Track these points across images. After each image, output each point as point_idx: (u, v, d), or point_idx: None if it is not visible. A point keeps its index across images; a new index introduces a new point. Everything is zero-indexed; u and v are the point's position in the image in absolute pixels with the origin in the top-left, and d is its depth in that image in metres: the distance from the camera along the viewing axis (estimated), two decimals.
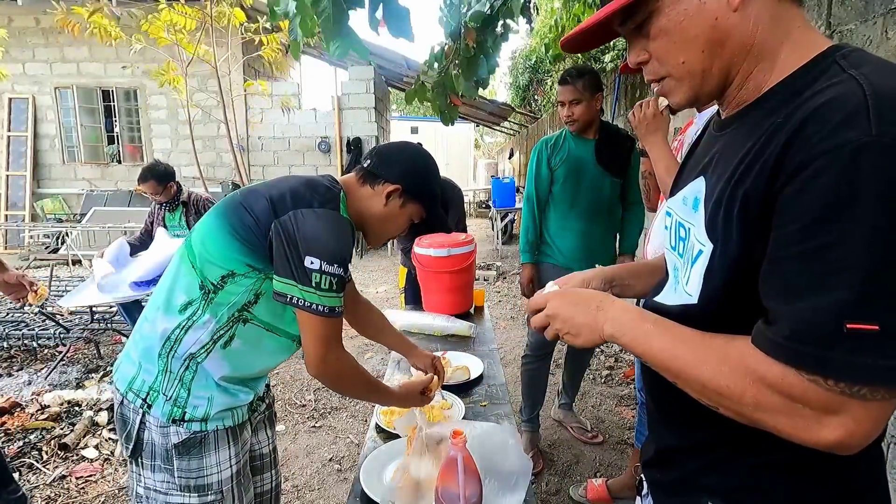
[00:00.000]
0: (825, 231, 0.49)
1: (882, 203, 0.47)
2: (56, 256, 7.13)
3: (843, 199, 0.48)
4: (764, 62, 0.60)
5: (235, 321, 1.08)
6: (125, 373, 1.10)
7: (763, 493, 0.64)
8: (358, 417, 2.95)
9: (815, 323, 0.50)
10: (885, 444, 1.69)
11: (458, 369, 1.67)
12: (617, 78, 4.62)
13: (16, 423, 2.70)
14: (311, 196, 1.05)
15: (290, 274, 1.01)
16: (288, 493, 2.27)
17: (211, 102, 6.99)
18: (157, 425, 1.06)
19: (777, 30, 0.59)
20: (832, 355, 0.50)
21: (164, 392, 1.06)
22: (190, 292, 1.06)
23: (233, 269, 1.05)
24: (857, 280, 0.48)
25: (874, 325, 0.48)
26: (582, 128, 2.29)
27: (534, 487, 1.71)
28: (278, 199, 1.05)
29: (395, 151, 1.23)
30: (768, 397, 0.54)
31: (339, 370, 1.11)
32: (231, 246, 1.04)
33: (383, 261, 7.85)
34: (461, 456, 0.93)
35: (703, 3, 0.59)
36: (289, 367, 3.64)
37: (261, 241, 1.04)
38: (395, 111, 18.26)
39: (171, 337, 1.06)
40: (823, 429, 0.52)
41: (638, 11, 0.62)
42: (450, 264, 2.18)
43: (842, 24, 1.85)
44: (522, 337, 4.19)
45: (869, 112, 0.49)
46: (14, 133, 8.47)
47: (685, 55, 0.61)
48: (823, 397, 0.51)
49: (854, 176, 0.48)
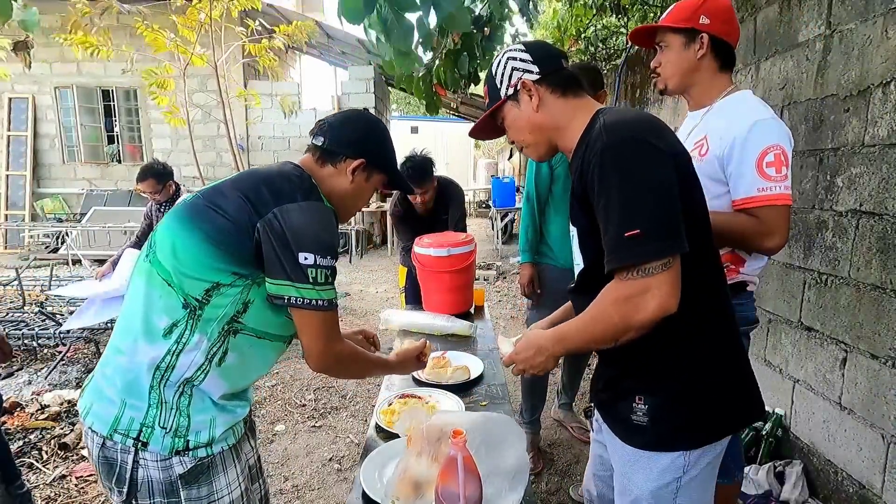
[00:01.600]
0: (603, 194, 0.89)
1: (618, 170, 0.88)
2: (56, 256, 7.13)
3: (603, 174, 0.89)
4: (568, 130, 1.04)
5: (226, 334, 1.01)
6: (103, 414, 0.98)
7: (665, 382, 1.01)
8: (358, 417, 2.95)
9: (612, 241, 0.88)
10: (884, 443, 1.69)
11: (458, 369, 1.66)
12: (617, 77, 4.61)
13: (16, 423, 2.70)
14: (290, 189, 1.01)
15: (285, 274, 0.97)
16: (288, 493, 2.27)
17: (211, 102, 6.99)
18: (156, 460, 0.97)
19: (567, 113, 1.05)
20: (622, 255, 0.87)
21: (160, 425, 0.97)
22: (172, 313, 0.98)
23: (217, 280, 0.98)
24: (624, 210, 0.86)
25: (637, 230, 0.85)
26: None
27: (534, 487, 1.71)
28: (255, 197, 0.99)
29: (347, 124, 1.16)
30: (617, 308, 0.89)
31: (341, 359, 1.09)
32: (210, 254, 0.97)
33: (383, 260, 7.85)
34: (461, 456, 0.93)
35: (522, 111, 1.07)
36: (289, 367, 3.64)
37: (242, 243, 0.97)
38: (395, 111, 18.24)
39: (162, 365, 0.97)
40: (648, 305, 0.86)
41: (496, 118, 1.13)
42: (450, 264, 2.18)
43: (842, 24, 1.85)
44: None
45: (603, 133, 0.92)
46: (14, 133, 8.47)
47: (524, 135, 1.10)
48: (633, 285, 0.87)
49: (603, 162, 0.90)
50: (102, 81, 8.55)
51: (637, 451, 1.04)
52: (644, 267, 0.85)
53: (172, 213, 1.04)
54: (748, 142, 1.28)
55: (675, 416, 1.01)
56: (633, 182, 0.87)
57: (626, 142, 0.90)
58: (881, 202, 1.69)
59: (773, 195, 1.28)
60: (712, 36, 1.35)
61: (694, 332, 0.98)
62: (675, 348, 0.99)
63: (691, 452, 1.00)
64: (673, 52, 1.40)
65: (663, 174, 0.88)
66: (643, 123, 0.93)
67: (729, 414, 1.03)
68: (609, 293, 0.91)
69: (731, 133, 1.31)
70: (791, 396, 2.19)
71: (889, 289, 1.66)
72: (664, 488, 1.03)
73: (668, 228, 0.86)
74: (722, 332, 1.03)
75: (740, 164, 1.30)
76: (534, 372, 1.08)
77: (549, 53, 1.08)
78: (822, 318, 1.98)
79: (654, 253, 0.84)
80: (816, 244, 2.00)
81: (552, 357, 1.05)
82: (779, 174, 1.27)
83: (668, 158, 0.89)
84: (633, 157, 0.88)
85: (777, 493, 2.05)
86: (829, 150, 1.92)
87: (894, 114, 1.64)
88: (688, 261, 0.90)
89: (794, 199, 2.11)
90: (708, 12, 1.34)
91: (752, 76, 2.41)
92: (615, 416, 1.09)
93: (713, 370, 1.01)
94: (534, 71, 1.05)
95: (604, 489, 1.29)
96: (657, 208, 0.86)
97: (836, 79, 1.88)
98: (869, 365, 1.76)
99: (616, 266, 0.88)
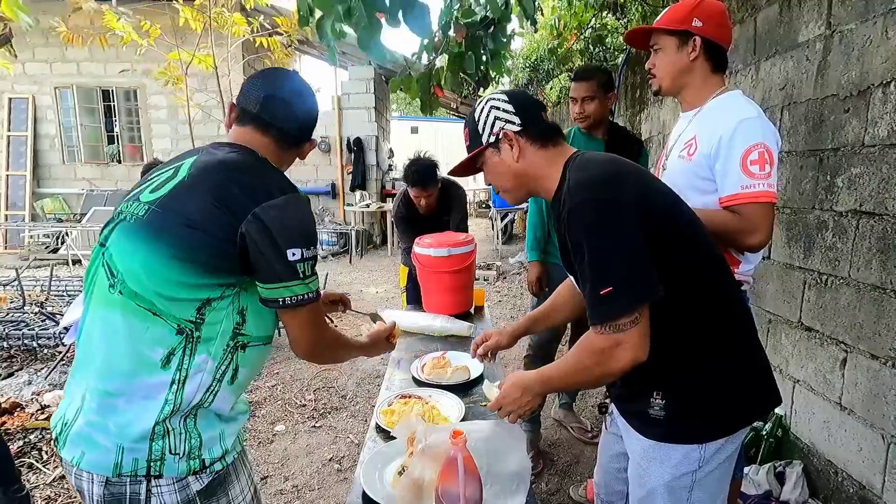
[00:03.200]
0: (577, 253, 0.97)
1: (584, 231, 0.95)
2: (56, 256, 7.13)
3: (572, 235, 0.98)
4: (546, 179, 1.11)
5: (233, 350, 0.97)
6: (100, 461, 0.91)
7: (682, 377, 1.05)
8: (358, 417, 2.95)
9: (589, 299, 0.96)
10: (884, 443, 1.69)
11: (458, 369, 1.66)
12: (618, 77, 4.61)
13: (16, 423, 2.69)
14: (264, 185, 0.95)
15: (277, 277, 0.93)
16: (288, 493, 2.27)
17: (211, 102, 6.99)
18: (172, 483, 0.93)
19: (546, 163, 1.10)
20: (599, 311, 0.94)
21: (171, 452, 0.92)
22: (166, 342, 0.91)
23: (206, 296, 0.92)
24: (594, 270, 0.93)
25: (609, 288, 0.92)
26: (592, 125, 2.29)
27: (534, 487, 1.71)
28: (228, 199, 0.92)
29: (292, 105, 1.09)
30: (594, 360, 0.97)
31: (329, 345, 1.10)
32: (190, 272, 0.90)
33: (383, 260, 7.85)
34: (461, 456, 0.93)
35: (502, 159, 1.12)
36: (289, 367, 3.64)
37: (223, 252, 0.91)
38: (395, 111, 18.24)
39: (170, 399, 0.91)
40: (621, 357, 0.94)
41: (476, 161, 1.18)
42: (450, 264, 2.18)
43: (842, 24, 1.85)
44: (523, 337, 4.18)
45: (568, 195, 1.00)
46: (14, 133, 8.46)
47: (502, 181, 1.16)
48: (607, 341, 0.94)
49: (570, 223, 0.98)
50: (102, 81, 8.54)
51: (653, 443, 1.08)
52: (616, 323, 0.93)
53: (127, 234, 0.93)
54: (733, 140, 1.30)
55: (692, 409, 1.05)
56: (598, 242, 0.94)
57: (586, 204, 0.96)
58: (881, 202, 1.69)
59: (756, 192, 1.29)
60: (705, 38, 1.38)
61: (708, 328, 1.04)
62: (691, 345, 1.04)
63: (707, 446, 1.04)
64: (667, 53, 1.43)
65: (625, 228, 0.94)
66: (604, 178, 0.99)
67: (745, 405, 1.07)
68: (587, 345, 0.99)
69: (717, 132, 1.33)
70: (791, 397, 2.19)
71: (889, 289, 1.66)
72: (679, 480, 1.06)
73: (637, 280, 0.93)
74: (734, 323, 1.07)
75: (726, 162, 1.32)
76: (521, 413, 1.12)
77: (530, 103, 1.14)
78: (822, 318, 1.98)
79: (625, 309, 0.92)
80: (816, 244, 2.00)
81: (538, 396, 1.11)
82: (762, 172, 1.29)
83: (630, 208, 0.95)
84: (595, 218, 0.94)
85: (777, 494, 2.05)
86: (829, 150, 1.92)
87: (894, 114, 1.64)
88: (689, 269, 1.00)
89: (794, 200, 2.12)
90: (701, 15, 1.37)
91: (752, 76, 2.41)
92: (632, 410, 1.14)
93: (729, 363, 1.05)
94: (516, 122, 1.10)
95: (611, 481, 1.35)
96: (624, 264, 0.93)
97: (836, 79, 1.88)
98: (869, 365, 1.76)
99: (595, 322, 0.96)
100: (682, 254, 1.01)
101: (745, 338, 1.09)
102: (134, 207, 0.96)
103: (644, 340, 0.94)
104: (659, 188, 1.06)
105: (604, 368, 0.97)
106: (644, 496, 1.12)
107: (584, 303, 1.00)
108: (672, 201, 1.06)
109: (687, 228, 1.05)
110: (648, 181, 1.05)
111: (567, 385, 1.12)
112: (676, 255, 1.00)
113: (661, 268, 0.95)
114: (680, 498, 1.08)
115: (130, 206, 0.97)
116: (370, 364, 3.63)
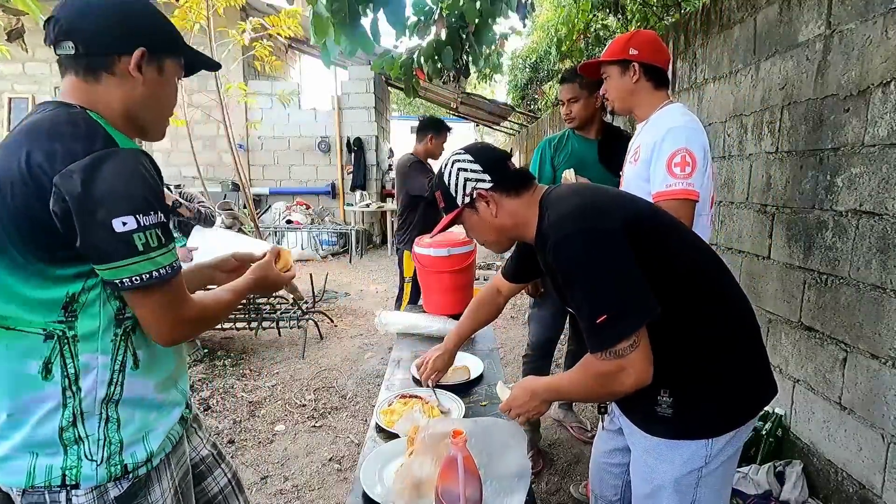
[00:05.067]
0: (568, 286, 1.00)
1: (572, 263, 0.98)
2: None
3: (560, 268, 1.00)
4: (527, 225, 1.13)
5: (124, 337, 0.86)
6: (12, 471, 0.84)
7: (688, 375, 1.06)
8: (358, 417, 2.95)
9: (587, 328, 0.97)
10: (884, 443, 1.69)
11: (458, 369, 1.66)
12: None
13: None
14: (64, 146, 0.76)
15: (108, 255, 0.77)
16: (288, 493, 2.27)
17: (211, 103, 6.99)
18: (90, 491, 0.85)
19: (523, 209, 1.12)
20: (597, 339, 0.96)
21: (88, 458, 0.84)
22: (36, 353, 0.81)
23: (64, 292, 0.80)
24: (587, 300, 0.96)
25: (604, 315, 0.93)
26: (580, 126, 2.30)
27: (534, 487, 1.71)
28: (34, 171, 0.75)
29: (90, 10, 0.84)
30: (598, 382, 0.99)
31: (193, 323, 0.90)
32: (28, 274, 0.78)
33: (383, 260, 7.85)
34: (461, 456, 0.93)
35: (481, 217, 1.14)
36: (289, 367, 3.64)
37: (48, 240, 0.77)
38: (395, 111, 18.23)
39: (68, 404, 0.82)
40: (625, 381, 0.95)
41: (460, 221, 1.19)
42: (450, 264, 2.18)
43: (842, 24, 1.85)
44: (522, 337, 4.18)
45: (550, 232, 1.02)
46: None
47: (486, 236, 1.20)
48: (609, 366, 0.96)
49: (557, 258, 1.00)
50: None
51: (661, 440, 1.10)
52: (616, 349, 0.94)
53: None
54: (662, 145, 1.52)
55: (698, 406, 1.07)
56: (587, 273, 0.96)
57: (570, 236, 0.98)
58: (881, 202, 1.69)
59: (677, 190, 1.49)
60: (642, 63, 1.61)
61: (709, 328, 1.06)
62: (694, 345, 1.06)
63: (714, 442, 1.06)
64: (614, 80, 1.67)
65: (613, 255, 0.96)
66: (583, 208, 1.02)
67: (749, 398, 1.10)
68: (590, 367, 1.01)
69: (653, 139, 1.55)
70: (791, 396, 2.20)
71: (889, 289, 1.66)
72: (687, 477, 1.08)
73: (630, 305, 0.95)
74: (735, 320, 1.10)
75: (656, 164, 1.53)
76: (529, 416, 1.18)
77: (495, 158, 1.15)
78: (822, 318, 1.98)
79: (622, 334, 0.93)
80: (816, 244, 2.00)
81: (545, 402, 1.16)
82: (683, 172, 1.49)
83: (615, 234, 0.97)
84: (582, 250, 0.97)
85: (777, 493, 2.05)
86: (829, 150, 1.92)
87: (894, 114, 1.64)
88: (685, 275, 1.04)
89: (794, 199, 2.12)
90: (636, 44, 1.61)
91: (752, 76, 2.41)
92: (635, 409, 1.16)
93: (732, 358, 1.07)
94: (486, 179, 1.12)
95: (605, 476, 1.40)
96: (615, 291, 0.95)
97: (836, 79, 1.88)
98: (869, 365, 1.76)
99: (594, 350, 0.98)
100: (676, 262, 1.04)
101: (746, 333, 1.11)
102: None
103: (646, 363, 0.95)
104: (636, 203, 1.10)
105: (609, 390, 1.00)
106: (650, 493, 1.14)
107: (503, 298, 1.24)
108: (652, 212, 1.10)
109: (674, 235, 1.08)
110: (624, 201, 1.09)
111: (574, 399, 1.17)
112: (671, 264, 1.03)
113: (658, 279, 0.98)
114: (686, 495, 1.09)
115: None
116: (370, 364, 3.64)
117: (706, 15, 2.83)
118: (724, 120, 2.66)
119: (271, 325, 3.93)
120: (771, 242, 2.29)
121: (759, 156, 2.37)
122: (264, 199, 8.82)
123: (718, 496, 1.12)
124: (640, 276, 0.95)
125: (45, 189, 0.75)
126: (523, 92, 10.52)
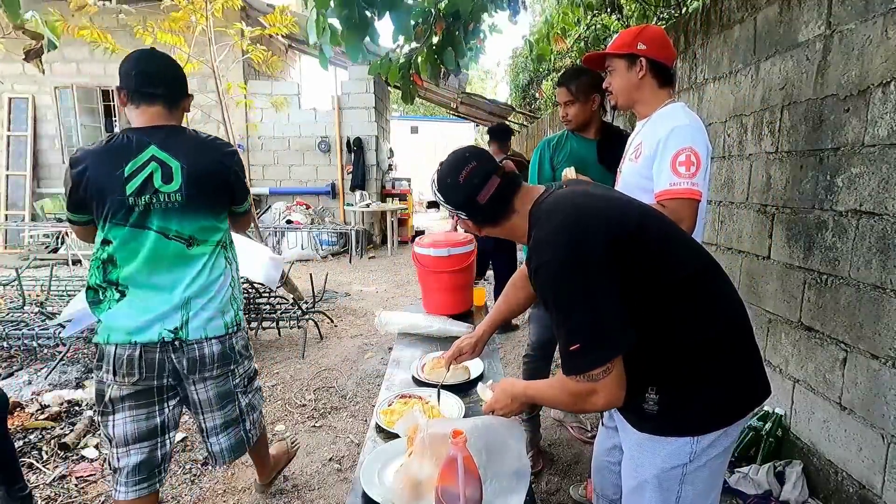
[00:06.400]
0: (548, 310, 1.02)
1: (550, 291, 1.00)
2: (56, 256, 7.13)
3: (540, 294, 1.05)
4: (519, 237, 1.16)
5: (231, 245, 1.71)
6: (214, 326, 1.54)
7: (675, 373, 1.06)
8: (358, 417, 2.95)
9: (562, 353, 0.99)
10: (884, 443, 1.69)
11: (458, 369, 1.66)
12: None
13: (16, 423, 2.69)
14: (214, 140, 1.75)
15: (244, 199, 1.74)
16: (288, 493, 2.27)
17: (210, 103, 6.99)
18: (244, 332, 1.68)
19: (508, 229, 1.16)
20: (570, 366, 0.99)
21: (237, 312, 1.64)
22: (220, 255, 1.63)
23: (226, 221, 1.70)
24: (562, 328, 0.99)
25: (577, 345, 0.96)
26: (577, 128, 2.30)
27: (533, 487, 1.70)
28: (216, 162, 1.65)
29: (172, 70, 1.82)
30: (569, 398, 1.03)
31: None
32: (222, 213, 1.68)
33: (383, 260, 7.85)
34: (461, 456, 0.93)
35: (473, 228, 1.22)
36: (289, 367, 3.64)
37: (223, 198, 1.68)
38: (395, 111, 18.23)
39: (231, 284, 1.63)
40: (596, 402, 0.99)
41: None
42: (450, 264, 2.18)
43: (842, 24, 1.85)
44: (523, 337, 4.18)
45: (533, 254, 1.04)
46: (14, 133, 8.46)
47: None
48: (582, 387, 0.99)
49: (537, 283, 1.05)
50: (102, 81, 8.53)
51: (646, 435, 1.11)
52: (589, 374, 0.97)
53: (173, 212, 1.53)
54: (667, 143, 1.50)
55: (684, 403, 1.07)
56: (563, 303, 0.98)
57: (548, 266, 0.99)
58: (881, 202, 1.69)
59: (682, 189, 1.48)
60: (650, 59, 1.59)
61: (699, 329, 1.06)
62: (683, 345, 1.05)
63: (699, 440, 1.06)
64: (619, 74, 1.65)
65: (589, 283, 0.96)
66: (563, 236, 1.00)
67: (737, 398, 1.09)
68: (565, 385, 1.02)
69: (656, 137, 1.54)
70: (791, 396, 2.20)
71: (889, 289, 1.66)
72: (669, 472, 1.08)
73: (604, 337, 0.96)
74: (725, 321, 1.09)
75: (660, 163, 1.52)
76: (511, 415, 1.23)
77: (463, 196, 1.14)
78: (822, 318, 1.98)
79: (594, 363, 0.96)
80: (816, 244, 2.00)
81: (524, 405, 1.20)
82: (688, 172, 1.48)
83: (593, 261, 0.97)
84: (559, 280, 0.98)
85: (777, 493, 2.05)
86: (829, 150, 1.92)
87: (894, 114, 1.64)
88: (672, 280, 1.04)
89: (794, 199, 2.13)
90: (645, 39, 1.59)
91: (752, 76, 2.41)
92: (627, 405, 1.16)
93: (722, 358, 1.07)
94: (463, 215, 1.18)
95: (607, 474, 1.43)
96: (590, 323, 0.96)
97: (836, 79, 1.88)
98: (869, 365, 1.76)
99: (568, 374, 1.01)
100: (664, 268, 1.03)
101: (736, 334, 1.10)
102: (163, 197, 1.50)
103: (617, 388, 0.98)
104: (627, 211, 1.08)
105: (580, 408, 1.04)
106: (635, 487, 1.15)
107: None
108: (642, 218, 1.08)
109: (663, 241, 1.07)
110: (614, 210, 1.07)
111: (549, 406, 1.17)
112: (658, 272, 1.02)
113: (645, 286, 0.99)
114: (670, 491, 1.09)
115: (160, 196, 1.50)
116: (370, 364, 3.64)
117: (706, 15, 2.83)
118: (724, 120, 2.66)
119: (271, 325, 3.94)
120: (771, 242, 2.29)
121: (759, 156, 2.37)
122: (264, 199, 8.82)
123: (706, 497, 1.11)
124: (616, 307, 0.96)
125: (228, 171, 1.62)
126: (524, 93, 10.52)
